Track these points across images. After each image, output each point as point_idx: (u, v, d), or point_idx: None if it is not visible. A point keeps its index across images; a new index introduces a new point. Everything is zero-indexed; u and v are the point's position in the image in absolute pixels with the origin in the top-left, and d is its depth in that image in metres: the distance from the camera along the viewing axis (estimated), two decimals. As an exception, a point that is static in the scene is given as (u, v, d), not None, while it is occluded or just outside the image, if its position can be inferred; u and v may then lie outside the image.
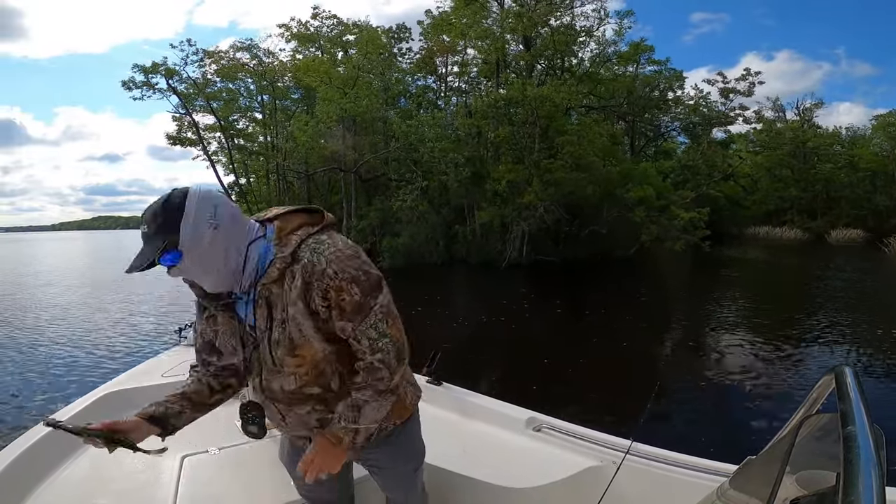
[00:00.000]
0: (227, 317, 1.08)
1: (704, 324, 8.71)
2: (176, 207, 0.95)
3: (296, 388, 1.08)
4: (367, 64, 20.77)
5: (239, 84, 24.44)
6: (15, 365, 6.69)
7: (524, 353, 6.23)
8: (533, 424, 1.93)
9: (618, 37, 22.23)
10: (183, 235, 0.94)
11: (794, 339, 7.22)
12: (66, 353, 7.20)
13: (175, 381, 2.23)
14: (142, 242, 0.96)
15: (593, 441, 1.77)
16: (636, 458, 1.58)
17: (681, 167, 25.49)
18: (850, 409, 0.70)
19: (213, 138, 24.61)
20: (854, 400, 0.72)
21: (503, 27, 19.75)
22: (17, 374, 6.28)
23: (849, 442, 0.62)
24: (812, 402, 0.92)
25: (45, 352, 7.32)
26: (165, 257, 0.94)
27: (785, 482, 0.77)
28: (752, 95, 23.51)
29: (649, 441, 1.64)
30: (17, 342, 7.94)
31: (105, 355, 7.02)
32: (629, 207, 17.72)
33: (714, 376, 5.57)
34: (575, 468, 1.67)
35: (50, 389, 5.50)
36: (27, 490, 1.55)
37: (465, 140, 19.11)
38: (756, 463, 0.96)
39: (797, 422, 0.92)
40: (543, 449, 1.82)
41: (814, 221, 29.90)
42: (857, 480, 0.54)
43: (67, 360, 6.80)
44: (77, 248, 52.62)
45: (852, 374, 0.80)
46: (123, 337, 8.18)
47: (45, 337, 8.23)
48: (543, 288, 12.79)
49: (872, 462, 0.57)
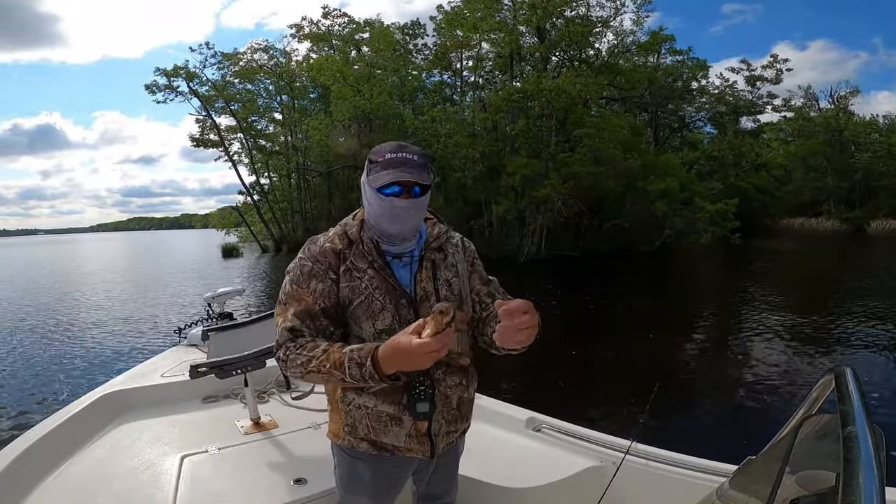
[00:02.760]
0: (385, 274, 1.13)
1: (719, 321, 8.44)
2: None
3: (457, 348, 1.17)
4: (379, 61, 20.87)
5: (258, 85, 24.97)
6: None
7: (528, 352, 6.11)
8: (533, 424, 1.92)
9: (636, 26, 21.67)
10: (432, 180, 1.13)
11: (813, 337, 6.89)
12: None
13: (175, 381, 2.27)
14: (403, 163, 1.07)
15: (593, 441, 1.75)
16: (636, 458, 1.57)
17: (706, 158, 24.67)
18: (850, 410, 0.69)
19: (235, 139, 25.26)
20: (854, 400, 0.71)
21: (516, 19, 19.50)
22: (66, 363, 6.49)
23: (849, 442, 0.61)
24: (812, 402, 0.92)
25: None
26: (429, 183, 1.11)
27: (785, 482, 0.77)
28: (779, 83, 22.68)
29: (649, 441, 1.62)
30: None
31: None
32: (651, 200, 17.27)
33: (715, 376, 5.52)
34: (575, 468, 1.65)
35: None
36: (28, 489, 1.55)
37: (481, 135, 19.00)
38: (756, 463, 0.96)
39: (797, 422, 0.91)
40: (543, 449, 1.81)
41: (852, 212, 28.63)
42: (857, 480, 0.54)
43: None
44: (129, 247, 54.72)
45: (852, 375, 0.79)
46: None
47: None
48: (560, 283, 12.60)
49: (872, 462, 0.57)
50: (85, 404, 2.03)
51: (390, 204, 1.07)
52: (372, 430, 1.14)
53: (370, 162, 1.10)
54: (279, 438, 1.90)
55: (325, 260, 1.12)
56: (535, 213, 17.25)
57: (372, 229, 1.14)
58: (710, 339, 7.48)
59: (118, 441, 1.90)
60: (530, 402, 2.06)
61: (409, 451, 1.16)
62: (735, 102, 23.58)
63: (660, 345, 6.72)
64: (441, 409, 1.15)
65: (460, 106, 22.02)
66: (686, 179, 19.16)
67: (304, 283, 1.11)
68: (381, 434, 1.14)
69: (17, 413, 4.77)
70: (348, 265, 1.12)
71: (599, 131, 17.27)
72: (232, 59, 23.45)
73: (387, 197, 1.07)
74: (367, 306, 1.10)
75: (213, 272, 18.71)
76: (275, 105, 25.93)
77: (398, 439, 1.14)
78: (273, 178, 26.62)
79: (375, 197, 1.08)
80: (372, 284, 1.11)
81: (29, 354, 7.22)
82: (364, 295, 1.11)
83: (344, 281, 1.11)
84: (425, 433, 1.15)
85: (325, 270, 1.11)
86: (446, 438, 1.19)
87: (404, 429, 1.14)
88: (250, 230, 26.40)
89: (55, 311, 10.81)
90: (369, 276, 1.11)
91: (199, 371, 1.87)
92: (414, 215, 1.11)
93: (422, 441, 1.15)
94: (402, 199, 1.07)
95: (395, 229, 1.12)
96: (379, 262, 1.12)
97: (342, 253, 1.13)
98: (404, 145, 1.10)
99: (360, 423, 1.15)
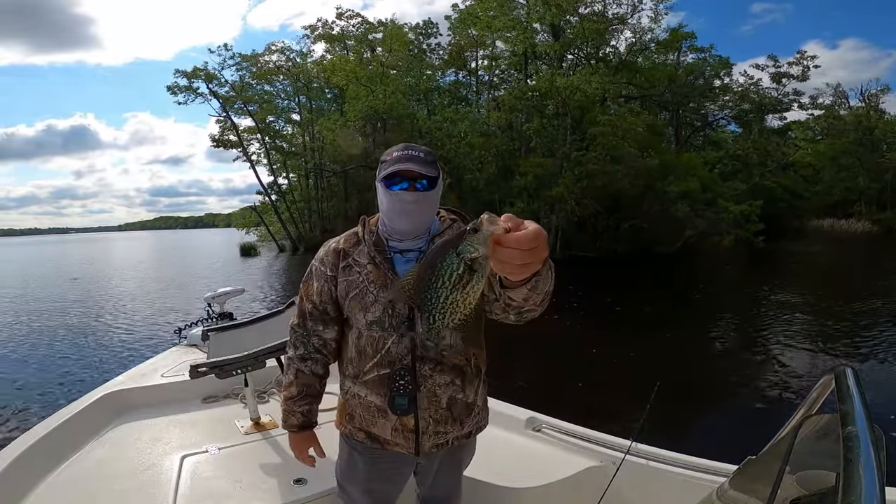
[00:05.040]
0: (385, 269, 1.15)
1: (729, 322, 8.28)
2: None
3: (451, 344, 1.15)
4: (393, 60, 20.96)
5: (276, 86, 25.40)
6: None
7: (529, 354, 6.10)
8: (533, 424, 1.91)
9: (654, 23, 21.25)
10: (438, 175, 1.15)
11: (824, 340, 6.72)
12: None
13: (175, 381, 2.29)
14: (408, 159, 1.10)
15: (593, 441, 1.73)
16: (636, 458, 1.55)
17: (730, 157, 23.98)
18: (850, 410, 0.69)
19: (254, 139, 25.74)
20: (854, 400, 0.71)
21: (530, 16, 19.33)
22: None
23: (849, 442, 0.61)
24: (812, 402, 0.91)
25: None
26: (436, 177, 1.13)
27: (785, 482, 0.77)
28: (806, 80, 21.89)
29: (649, 441, 1.60)
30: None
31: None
32: (671, 200, 16.87)
33: (716, 376, 5.49)
34: (575, 468, 1.63)
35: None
36: (28, 489, 1.56)
37: (495, 133, 18.91)
38: (756, 463, 0.95)
39: (797, 422, 0.89)
40: (543, 449, 1.80)
41: (883, 213, 27.52)
42: (857, 480, 0.54)
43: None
44: (154, 246, 56.10)
45: (852, 375, 0.78)
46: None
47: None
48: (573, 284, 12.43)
49: (872, 462, 0.56)
50: (85, 404, 2.04)
51: (398, 199, 1.11)
52: (365, 421, 1.18)
53: (381, 162, 1.16)
54: (279, 438, 1.90)
55: (328, 259, 1.21)
56: (549, 213, 17.05)
57: (385, 227, 1.18)
58: (717, 340, 7.35)
59: (118, 441, 1.91)
60: (530, 402, 2.03)
61: (395, 446, 1.18)
62: (760, 100, 22.87)
63: (664, 346, 6.63)
64: (427, 407, 1.15)
65: (475, 105, 21.98)
66: (708, 179, 18.65)
67: (308, 282, 1.24)
68: (372, 425, 1.18)
69: (18, 413, 4.81)
70: (349, 262, 1.19)
71: (615, 129, 16.95)
72: (250, 60, 23.92)
73: (394, 192, 1.11)
74: (360, 299, 1.16)
75: (230, 271, 19.08)
76: (293, 106, 26.37)
77: (385, 431, 1.17)
78: (292, 178, 27.05)
79: (385, 194, 1.13)
80: (368, 278, 1.16)
81: (29, 355, 7.28)
82: (359, 288, 1.16)
83: (342, 276, 1.19)
84: (412, 429, 1.15)
85: (324, 270, 1.21)
86: (434, 438, 1.17)
87: (390, 421, 1.16)
88: (268, 230, 26.89)
89: (68, 310, 11.01)
90: (367, 271, 1.16)
91: (199, 371, 1.88)
92: (422, 210, 1.13)
93: (407, 437, 1.16)
94: (408, 193, 1.11)
95: (404, 225, 1.15)
96: (379, 258, 1.16)
97: (344, 252, 1.20)
98: (411, 145, 1.15)
99: (355, 411, 1.20)
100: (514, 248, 0.62)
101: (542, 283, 0.83)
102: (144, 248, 53.00)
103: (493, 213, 0.64)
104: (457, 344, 1.16)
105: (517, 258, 0.63)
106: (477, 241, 0.62)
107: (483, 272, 0.64)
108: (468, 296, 0.65)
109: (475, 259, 0.63)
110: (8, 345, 7.91)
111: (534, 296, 0.85)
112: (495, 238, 0.62)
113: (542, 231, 0.64)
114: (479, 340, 1.21)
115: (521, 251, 0.62)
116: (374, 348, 1.15)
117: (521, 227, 0.64)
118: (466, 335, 1.07)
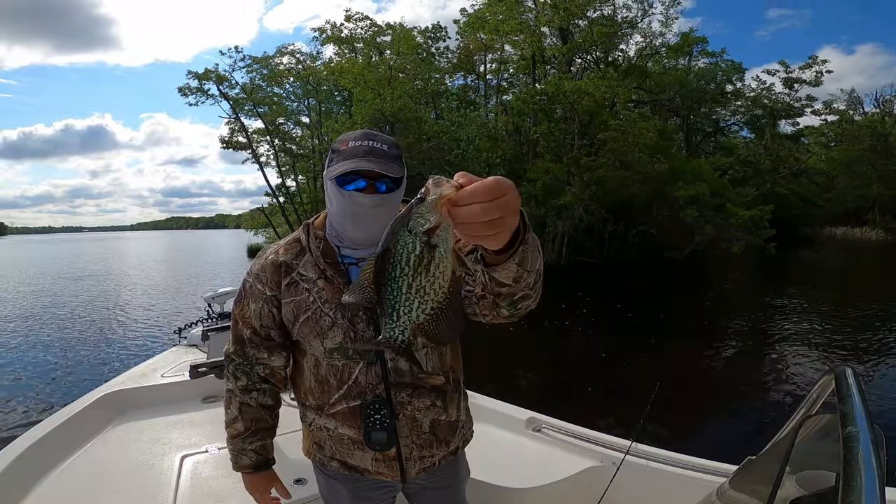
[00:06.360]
0: (339, 284, 0.96)
1: (732, 327, 8.29)
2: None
3: (427, 367, 1.01)
4: (401, 63, 21.05)
5: (286, 88, 25.63)
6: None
7: (533, 357, 6.09)
8: (533, 424, 1.91)
9: (665, 28, 21.16)
10: (404, 175, 0.96)
11: (828, 345, 6.68)
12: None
13: (175, 381, 2.30)
14: (368, 152, 0.91)
15: (593, 441, 1.72)
16: (636, 458, 1.55)
17: (741, 163, 23.72)
18: (850, 410, 0.69)
19: (264, 140, 25.99)
20: (854, 400, 0.71)
21: (538, 20, 19.34)
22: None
23: (849, 442, 0.61)
24: (812, 402, 0.91)
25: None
26: (400, 178, 0.95)
27: (785, 482, 0.77)
28: (819, 85, 21.59)
29: (649, 441, 1.60)
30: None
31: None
32: (680, 206, 16.70)
33: (716, 377, 5.49)
34: (575, 468, 1.63)
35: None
36: (28, 489, 1.56)
37: (503, 137, 18.89)
38: (756, 463, 0.95)
39: (797, 422, 0.89)
40: (543, 449, 1.80)
41: (897, 222, 26.95)
42: (857, 480, 0.54)
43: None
44: (166, 246, 56.72)
45: (852, 375, 0.78)
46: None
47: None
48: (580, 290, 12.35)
49: (872, 462, 0.57)
50: (85, 404, 2.05)
51: (353, 201, 0.91)
52: (338, 452, 1.04)
53: (332, 151, 0.95)
54: (279, 438, 1.88)
55: (264, 276, 1.00)
56: (556, 219, 16.98)
57: (335, 232, 0.99)
58: (719, 342, 7.35)
59: (118, 441, 1.91)
60: (530, 402, 2.02)
61: (378, 475, 1.05)
62: (772, 105, 22.62)
63: (667, 349, 6.61)
64: (409, 434, 1.01)
65: (484, 109, 21.99)
66: (718, 185, 18.44)
67: (243, 302, 1.03)
68: (348, 456, 1.04)
69: (18, 413, 4.84)
70: (293, 277, 0.99)
71: (623, 134, 16.86)
72: (260, 62, 24.20)
73: (349, 192, 0.92)
74: (314, 323, 0.97)
75: (237, 272, 19.33)
76: (302, 108, 26.60)
77: (364, 462, 1.03)
78: (301, 180, 27.26)
79: (336, 193, 0.93)
80: (321, 297, 0.97)
81: (29, 355, 7.34)
82: (311, 310, 0.97)
83: (286, 296, 0.99)
84: (395, 457, 1.02)
85: (262, 289, 1.00)
86: (420, 463, 1.05)
87: (368, 453, 1.02)
88: (275, 231, 27.13)
89: (68, 310, 11.07)
90: (318, 288, 0.97)
91: (199, 371, 1.89)
92: (381, 215, 0.92)
93: (391, 465, 1.03)
94: (366, 195, 0.91)
95: (358, 233, 0.96)
96: (331, 270, 0.97)
97: (286, 265, 0.99)
98: (373, 133, 0.95)
99: (325, 443, 1.06)
100: (474, 203, 0.51)
101: (531, 255, 0.67)
102: (155, 248, 53.70)
103: (441, 175, 0.55)
104: (438, 366, 1.03)
105: (479, 214, 0.51)
106: (426, 209, 0.52)
107: (446, 245, 0.54)
108: (435, 278, 0.54)
109: (430, 231, 0.52)
110: (8, 345, 7.96)
111: (525, 274, 0.69)
112: (448, 200, 0.52)
113: (505, 179, 0.53)
114: (457, 345, 1.07)
115: (483, 204, 0.51)
116: (339, 379, 0.98)
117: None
118: (439, 332, 0.60)
